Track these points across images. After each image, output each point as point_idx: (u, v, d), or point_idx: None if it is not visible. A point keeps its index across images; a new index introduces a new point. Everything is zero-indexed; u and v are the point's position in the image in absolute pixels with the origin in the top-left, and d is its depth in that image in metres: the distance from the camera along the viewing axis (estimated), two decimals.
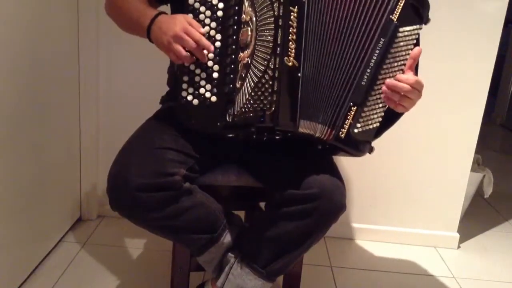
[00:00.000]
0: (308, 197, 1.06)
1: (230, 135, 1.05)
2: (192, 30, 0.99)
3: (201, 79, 1.03)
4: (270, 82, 1.00)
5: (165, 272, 1.55)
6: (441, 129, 1.84)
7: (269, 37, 1.00)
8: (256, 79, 1.00)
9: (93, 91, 1.79)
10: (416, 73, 1.08)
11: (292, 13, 0.99)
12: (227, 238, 1.17)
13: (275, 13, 0.99)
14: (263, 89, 1.00)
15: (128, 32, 1.14)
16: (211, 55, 1.02)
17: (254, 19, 1.00)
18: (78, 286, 1.49)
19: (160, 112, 1.22)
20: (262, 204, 1.34)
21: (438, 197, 1.92)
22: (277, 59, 1.00)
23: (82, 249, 1.70)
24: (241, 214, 1.53)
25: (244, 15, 1.00)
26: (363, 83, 1.04)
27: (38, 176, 1.51)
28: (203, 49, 0.99)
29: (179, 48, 0.99)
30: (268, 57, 1.00)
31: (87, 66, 1.75)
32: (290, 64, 1.00)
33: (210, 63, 1.02)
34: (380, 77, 1.05)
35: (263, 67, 1.00)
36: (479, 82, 1.80)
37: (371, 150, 1.13)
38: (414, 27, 1.05)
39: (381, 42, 1.03)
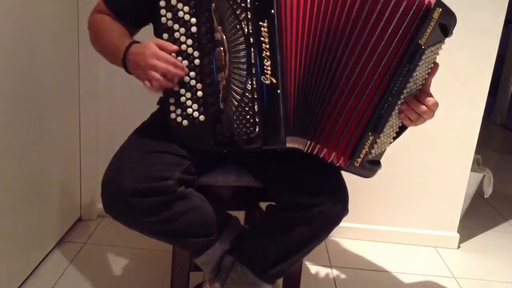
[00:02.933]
0: (312, 203, 1.06)
1: (225, 151, 1.04)
2: (163, 54, 0.97)
3: (187, 99, 1.01)
4: (250, 104, 0.96)
5: (165, 272, 1.55)
6: (441, 129, 1.84)
7: (242, 58, 0.96)
8: (236, 102, 0.97)
9: (93, 91, 1.79)
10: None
11: (262, 28, 0.95)
12: (224, 240, 1.16)
13: (244, 32, 0.95)
14: (243, 113, 0.97)
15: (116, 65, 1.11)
16: (192, 74, 1.00)
17: (225, 38, 0.96)
18: (78, 286, 1.49)
19: (154, 115, 1.22)
20: (262, 204, 1.34)
21: (438, 197, 1.92)
22: (254, 79, 0.95)
23: (82, 249, 1.70)
24: (241, 214, 1.53)
25: (216, 33, 0.97)
26: (383, 111, 1.01)
27: (38, 176, 1.51)
28: (179, 69, 0.98)
29: (153, 74, 0.97)
30: (244, 79, 0.96)
31: (87, 66, 1.75)
32: (268, 82, 0.96)
33: (193, 82, 1.00)
34: (399, 102, 1.02)
35: (240, 90, 0.97)
36: (479, 82, 1.80)
37: (379, 167, 1.12)
38: (438, 45, 1.01)
39: (406, 69, 0.98)
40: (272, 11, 0.95)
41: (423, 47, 0.97)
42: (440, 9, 0.96)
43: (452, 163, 1.88)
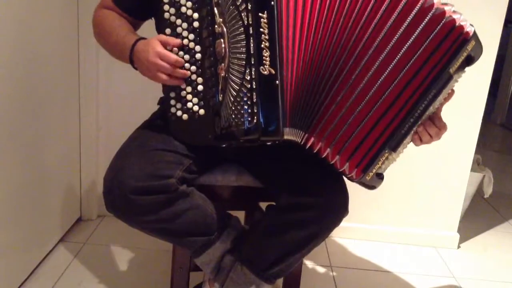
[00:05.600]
0: (311, 203, 1.06)
1: (223, 145, 1.04)
2: (166, 53, 0.99)
3: (187, 93, 1.03)
4: (248, 94, 0.97)
5: (165, 272, 1.55)
6: None
7: (241, 48, 0.96)
8: (234, 93, 0.98)
9: (93, 91, 1.79)
10: None
11: (262, 19, 0.95)
12: (225, 240, 1.16)
13: (244, 22, 0.95)
14: (242, 103, 0.97)
15: (122, 61, 1.12)
16: (193, 68, 1.01)
17: (225, 30, 0.97)
18: (78, 286, 1.49)
19: (156, 114, 1.22)
20: (262, 205, 1.34)
21: (438, 197, 1.92)
22: (253, 70, 0.96)
23: (82, 249, 1.70)
24: (241, 214, 1.53)
25: (216, 26, 0.98)
26: (403, 131, 1.01)
27: (38, 176, 1.51)
28: (181, 68, 1.00)
29: (159, 75, 1.00)
30: (243, 69, 0.96)
31: (87, 66, 1.75)
32: (266, 73, 0.97)
33: (193, 76, 1.02)
34: (418, 124, 1.01)
35: (239, 80, 0.97)
36: (479, 82, 1.79)
37: (382, 180, 1.11)
38: (461, 73, 1.00)
39: (432, 94, 0.98)
40: (272, 2, 0.95)
41: (452, 75, 0.97)
42: (474, 42, 0.96)
43: (452, 163, 1.88)
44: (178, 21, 1.00)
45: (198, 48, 1.01)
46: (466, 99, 1.81)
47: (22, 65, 1.36)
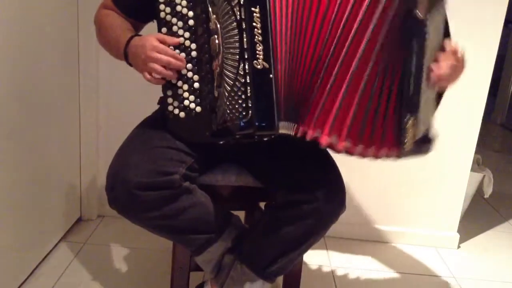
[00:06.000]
0: (309, 199, 1.06)
1: (221, 142, 1.04)
2: (163, 47, 0.99)
3: (184, 91, 1.03)
4: (242, 89, 0.97)
5: (165, 272, 1.55)
6: (441, 129, 1.83)
7: (235, 44, 0.96)
8: (229, 88, 0.98)
9: (93, 91, 1.79)
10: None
11: (254, 14, 0.96)
12: (226, 238, 1.16)
13: (237, 17, 0.96)
14: (236, 97, 0.97)
15: (119, 59, 1.12)
16: (189, 66, 1.02)
17: (219, 26, 0.97)
18: (78, 286, 1.49)
19: (157, 112, 1.22)
20: (262, 204, 1.34)
21: (438, 197, 1.92)
22: (246, 64, 0.96)
23: (82, 249, 1.70)
24: (241, 214, 1.53)
25: (211, 23, 0.99)
26: (410, 93, 0.97)
27: (38, 176, 1.51)
28: (178, 61, 1.00)
29: (155, 66, 0.99)
30: (237, 63, 0.97)
31: (87, 65, 1.75)
32: (260, 67, 0.96)
33: (190, 74, 1.02)
34: (423, 77, 0.97)
35: (233, 75, 0.97)
36: (479, 82, 1.80)
37: (433, 141, 1.06)
38: (438, 14, 0.96)
39: (416, 45, 0.95)
40: None
41: (422, 17, 0.93)
42: None
43: (452, 163, 1.88)
44: (174, 20, 1.01)
45: (193, 46, 1.01)
46: (466, 99, 1.81)
47: (22, 65, 1.36)
